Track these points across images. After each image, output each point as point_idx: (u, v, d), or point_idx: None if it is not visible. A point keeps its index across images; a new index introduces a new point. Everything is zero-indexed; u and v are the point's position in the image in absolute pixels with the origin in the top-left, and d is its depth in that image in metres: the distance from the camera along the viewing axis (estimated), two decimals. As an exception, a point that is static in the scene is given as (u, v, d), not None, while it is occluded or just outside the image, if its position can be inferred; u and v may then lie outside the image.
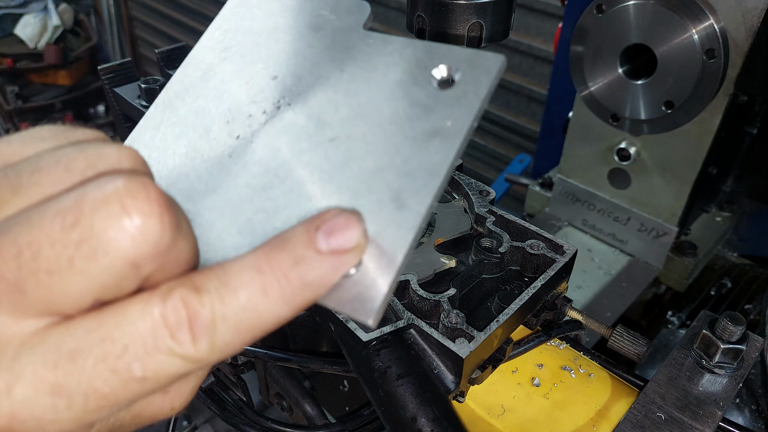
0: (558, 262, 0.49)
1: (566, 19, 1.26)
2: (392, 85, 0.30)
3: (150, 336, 0.22)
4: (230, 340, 0.23)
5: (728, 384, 0.47)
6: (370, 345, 0.43)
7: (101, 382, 0.21)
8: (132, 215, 0.21)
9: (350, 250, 0.24)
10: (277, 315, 0.24)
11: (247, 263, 0.24)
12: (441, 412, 0.41)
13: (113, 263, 0.21)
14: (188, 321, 0.22)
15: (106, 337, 0.21)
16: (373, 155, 0.28)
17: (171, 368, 0.22)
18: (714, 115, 0.85)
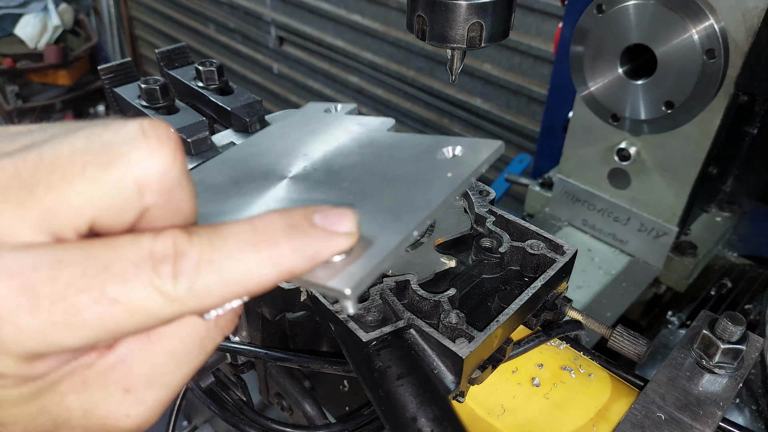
0: (558, 262, 0.49)
1: (566, 19, 1.26)
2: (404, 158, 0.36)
3: (132, 264, 0.22)
4: (210, 288, 0.23)
5: (728, 384, 0.47)
6: (370, 345, 0.43)
7: (73, 293, 0.21)
8: (150, 139, 0.22)
9: (341, 233, 0.26)
10: (262, 275, 0.24)
11: (244, 222, 0.24)
12: (441, 412, 0.41)
13: (122, 178, 0.22)
14: (174, 257, 0.22)
15: (90, 255, 0.21)
16: (378, 193, 0.33)
17: (144, 301, 0.22)
18: (714, 116, 0.85)
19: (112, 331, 0.22)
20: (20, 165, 0.21)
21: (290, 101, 3.31)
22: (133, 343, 0.25)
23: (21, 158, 0.22)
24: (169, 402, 0.27)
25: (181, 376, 0.27)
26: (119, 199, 0.22)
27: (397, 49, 2.63)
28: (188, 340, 0.26)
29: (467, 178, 0.33)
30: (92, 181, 0.22)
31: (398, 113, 2.80)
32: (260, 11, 3.17)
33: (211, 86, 0.72)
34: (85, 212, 0.22)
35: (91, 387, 0.25)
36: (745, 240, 1.13)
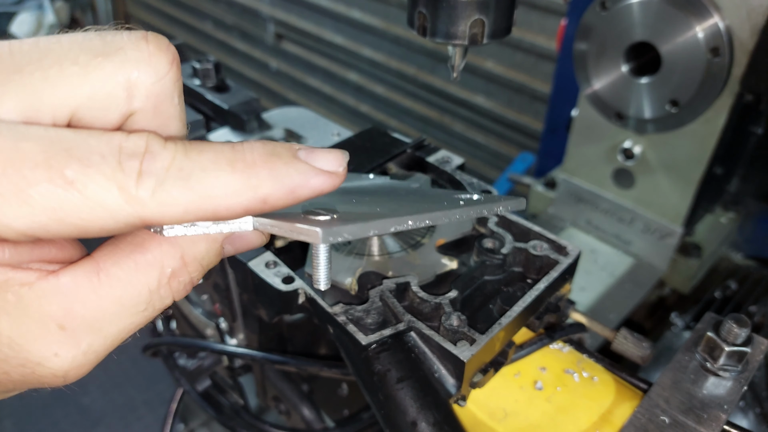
0: (561, 263, 0.49)
1: (570, 16, 1.25)
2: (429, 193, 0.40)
3: (97, 152, 0.20)
4: (176, 197, 0.21)
5: (733, 387, 0.47)
6: (370, 348, 0.42)
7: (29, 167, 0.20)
8: (150, 43, 0.22)
9: (326, 171, 0.24)
10: (234, 196, 0.22)
11: (224, 142, 0.23)
12: (442, 416, 0.40)
13: (114, 73, 0.21)
14: (143, 155, 0.21)
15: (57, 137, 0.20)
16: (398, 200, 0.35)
17: (102, 193, 0.20)
18: (719, 115, 0.84)
19: (60, 219, 0.20)
20: (15, 47, 0.21)
21: (288, 99, 3.30)
22: (80, 276, 0.24)
23: (17, 42, 0.21)
24: (101, 356, 0.25)
25: (122, 328, 0.25)
26: (106, 94, 0.22)
27: (398, 46, 2.62)
28: (138, 290, 0.24)
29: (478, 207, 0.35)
30: (83, 69, 0.21)
31: (398, 111, 2.79)
32: (258, 7, 3.16)
33: (207, 84, 0.71)
34: (69, 100, 0.21)
35: (24, 311, 0.23)
36: (750, 241, 1.12)
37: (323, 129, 0.72)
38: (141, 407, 1.91)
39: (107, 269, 0.24)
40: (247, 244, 0.28)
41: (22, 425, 1.88)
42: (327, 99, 3.10)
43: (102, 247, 0.25)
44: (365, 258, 0.51)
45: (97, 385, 1.96)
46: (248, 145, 0.23)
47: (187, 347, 0.61)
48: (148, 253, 0.24)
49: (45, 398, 1.95)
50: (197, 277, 0.26)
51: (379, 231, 0.27)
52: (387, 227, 0.27)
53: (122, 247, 0.25)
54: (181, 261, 0.25)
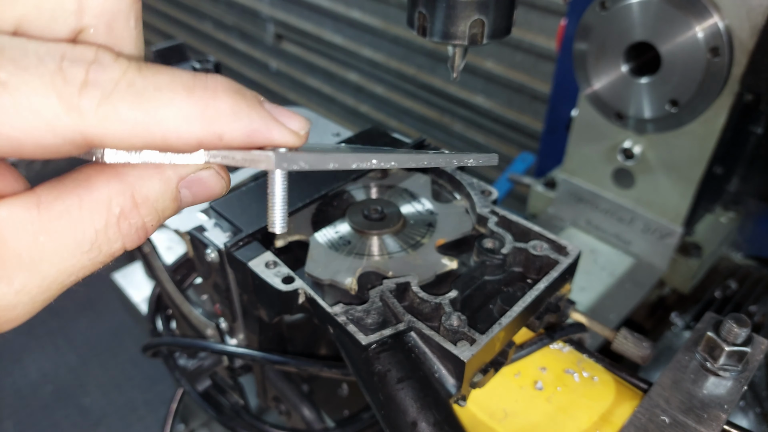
0: (561, 263, 0.49)
1: (570, 16, 1.25)
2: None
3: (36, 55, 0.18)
4: (123, 116, 0.19)
5: (733, 387, 0.47)
6: (370, 348, 0.42)
7: None
8: None
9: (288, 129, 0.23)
10: (187, 126, 0.20)
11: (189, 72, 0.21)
12: (442, 416, 0.40)
13: None
14: (89, 64, 0.19)
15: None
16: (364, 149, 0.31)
17: (39, 99, 0.18)
18: (719, 114, 0.84)
19: None
20: None
21: (288, 99, 3.30)
22: (18, 208, 0.21)
23: None
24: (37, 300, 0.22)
25: (62, 269, 0.22)
26: (54, 4, 0.19)
27: (397, 46, 2.62)
28: (82, 228, 0.22)
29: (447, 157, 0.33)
30: None
31: (398, 111, 2.79)
32: (258, 8, 3.16)
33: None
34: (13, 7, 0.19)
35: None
36: (750, 241, 1.12)
37: (323, 129, 0.72)
38: (141, 408, 1.92)
39: (48, 203, 0.22)
40: (206, 190, 0.25)
41: (23, 426, 1.88)
42: (327, 99, 3.10)
43: (45, 183, 0.23)
44: (365, 258, 0.51)
45: (97, 386, 1.96)
46: (212, 76, 0.21)
47: (187, 347, 0.61)
48: (95, 189, 0.22)
49: (46, 399, 1.95)
50: (151, 222, 0.24)
51: (340, 165, 0.26)
52: (348, 162, 0.26)
53: (66, 182, 0.22)
54: (131, 200, 0.23)
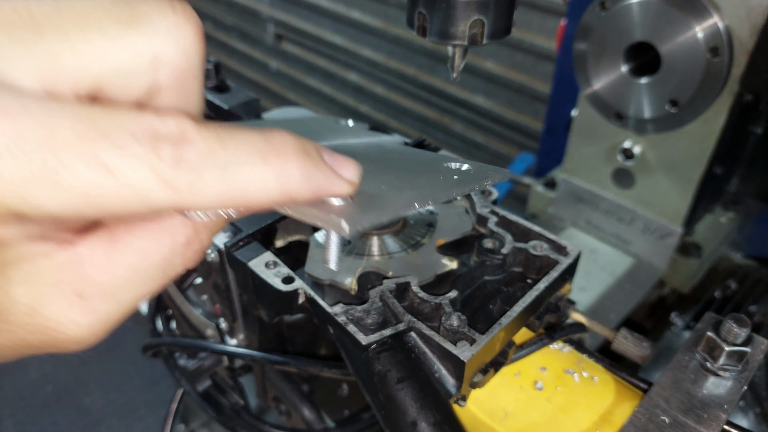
0: (561, 263, 0.49)
1: (569, 16, 1.25)
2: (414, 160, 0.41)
3: (131, 135, 0.20)
4: (213, 188, 0.21)
5: (733, 387, 0.47)
6: (370, 348, 0.42)
7: (64, 150, 0.19)
8: (177, 13, 0.22)
9: (345, 179, 0.26)
10: (265, 188, 0.22)
11: (256, 131, 0.23)
12: (442, 416, 0.40)
13: (140, 44, 0.21)
14: (177, 140, 0.20)
15: (88, 116, 0.19)
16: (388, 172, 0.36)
17: (138, 177, 0.20)
18: (719, 114, 0.84)
19: (94, 203, 0.20)
20: (35, 8, 0.20)
21: (288, 99, 3.30)
22: (96, 245, 0.23)
23: (37, 2, 0.20)
24: (117, 322, 0.25)
25: (136, 295, 0.25)
26: (131, 65, 0.21)
27: (397, 47, 2.62)
28: (152, 258, 0.25)
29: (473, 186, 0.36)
30: (108, 38, 0.20)
31: (398, 111, 2.79)
32: (258, 8, 3.16)
33: (207, 84, 0.71)
34: (91, 70, 0.20)
35: (43, 280, 0.23)
36: (749, 241, 1.12)
37: (323, 129, 0.72)
38: (141, 408, 1.91)
39: (122, 238, 0.24)
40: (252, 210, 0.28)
41: (23, 426, 1.88)
42: (327, 99, 3.10)
43: None
44: (365, 258, 0.51)
45: (97, 386, 1.96)
46: (279, 137, 0.23)
47: (187, 348, 0.61)
48: (162, 222, 0.25)
49: (46, 399, 1.95)
50: (208, 244, 0.27)
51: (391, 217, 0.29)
52: (397, 212, 0.29)
53: None
54: (193, 230, 0.25)
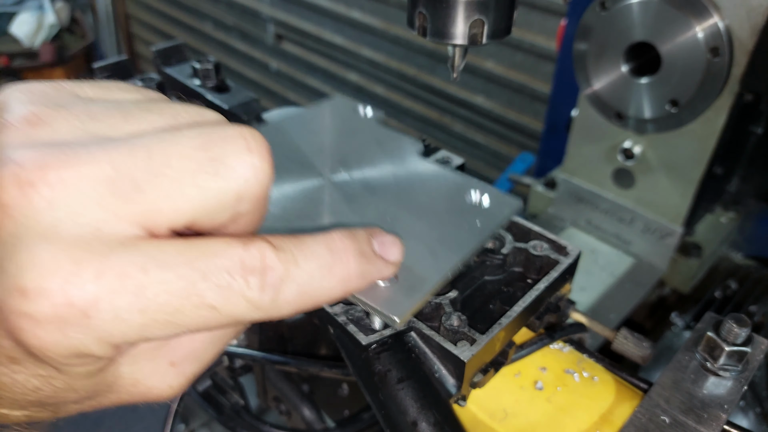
0: (561, 263, 0.49)
1: (570, 16, 1.25)
2: (435, 192, 0.41)
3: (226, 273, 0.24)
4: (291, 301, 0.26)
5: (733, 387, 0.46)
6: (370, 348, 0.42)
7: (178, 298, 0.23)
8: (254, 154, 0.25)
9: (392, 262, 0.30)
10: (332, 292, 0.27)
11: (321, 240, 0.27)
12: (442, 416, 0.40)
13: (227, 187, 0.24)
14: (262, 271, 0.25)
15: (191, 261, 0.23)
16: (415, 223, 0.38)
17: (236, 308, 0.24)
18: (719, 114, 0.84)
19: (201, 329, 0.25)
20: (129, 161, 0.23)
21: (288, 99, 3.30)
22: None
23: (130, 153, 0.23)
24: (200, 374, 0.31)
25: (214, 353, 0.31)
26: (219, 205, 0.25)
27: (398, 47, 2.62)
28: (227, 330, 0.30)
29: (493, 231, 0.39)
30: (198, 188, 0.24)
31: (398, 111, 2.79)
32: (258, 8, 3.16)
33: (207, 84, 0.71)
34: (186, 214, 0.24)
35: (144, 360, 0.28)
36: (750, 241, 1.12)
37: (323, 129, 0.72)
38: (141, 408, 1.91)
39: None
40: None
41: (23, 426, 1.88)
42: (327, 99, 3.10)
43: None
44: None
45: (97, 386, 1.96)
46: (341, 244, 0.28)
47: (188, 348, 0.61)
48: None
49: (45, 399, 1.94)
50: None
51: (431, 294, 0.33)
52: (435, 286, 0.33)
53: None
54: None
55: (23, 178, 0.21)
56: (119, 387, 0.28)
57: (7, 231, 0.22)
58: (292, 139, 0.45)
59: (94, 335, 0.22)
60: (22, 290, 0.21)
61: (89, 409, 0.29)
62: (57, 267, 0.21)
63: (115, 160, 0.23)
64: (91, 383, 0.26)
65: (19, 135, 0.23)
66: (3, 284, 0.21)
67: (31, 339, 0.22)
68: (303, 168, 0.42)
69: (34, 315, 0.21)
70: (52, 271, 0.21)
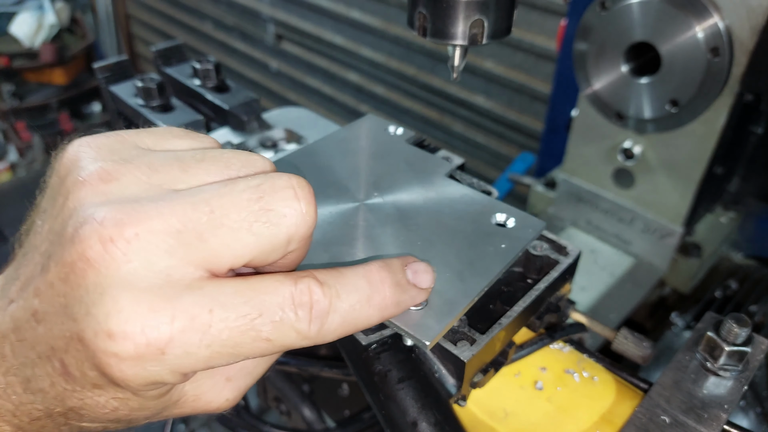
0: (562, 263, 0.49)
1: (570, 16, 1.25)
2: (463, 214, 0.43)
3: (279, 308, 0.27)
4: (334, 330, 0.29)
5: (733, 387, 0.46)
6: (370, 348, 0.42)
7: (238, 334, 0.26)
8: (301, 202, 0.28)
9: (424, 289, 0.33)
10: (370, 319, 0.30)
11: (360, 273, 0.30)
12: (442, 416, 0.40)
13: (279, 232, 0.28)
14: (310, 305, 0.28)
15: (249, 300, 0.27)
16: (444, 246, 0.40)
17: (287, 339, 0.28)
18: (719, 114, 0.84)
19: (257, 356, 0.28)
20: (193, 215, 0.27)
21: (288, 99, 3.30)
22: None
23: (193, 207, 0.27)
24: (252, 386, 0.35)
25: (264, 368, 0.35)
26: (272, 248, 0.28)
27: (397, 47, 2.62)
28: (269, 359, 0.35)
29: (519, 253, 0.41)
30: (254, 236, 0.27)
31: (398, 111, 2.79)
32: (258, 8, 3.16)
33: (207, 84, 0.71)
34: (243, 258, 0.28)
35: (204, 378, 0.31)
36: (750, 241, 1.12)
37: (323, 129, 0.72)
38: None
39: None
40: None
41: (23, 426, 1.88)
42: (327, 99, 3.10)
43: None
44: (365, 258, 0.51)
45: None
46: (378, 275, 0.31)
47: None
48: None
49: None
50: None
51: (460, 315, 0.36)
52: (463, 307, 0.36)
53: None
54: None
55: (104, 235, 0.25)
56: (183, 403, 0.31)
57: (91, 281, 0.25)
58: (328, 161, 0.48)
59: (167, 368, 0.26)
60: (109, 333, 0.25)
61: (156, 419, 0.32)
62: (137, 313, 0.25)
63: (180, 215, 0.26)
64: (161, 402, 0.30)
65: (95, 192, 0.27)
66: (91, 327, 0.25)
67: (116, 373, 0.25)
68: (339, 192, 0.44)
69: (119, 354, 0.25)
70: (133, 316, 0.25)
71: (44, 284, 0.26)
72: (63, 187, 0.28)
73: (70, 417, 0.29)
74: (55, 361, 0.27)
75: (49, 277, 0.26)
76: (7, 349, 0.27)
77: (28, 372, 0.27)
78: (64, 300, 0.26)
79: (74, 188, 0.27)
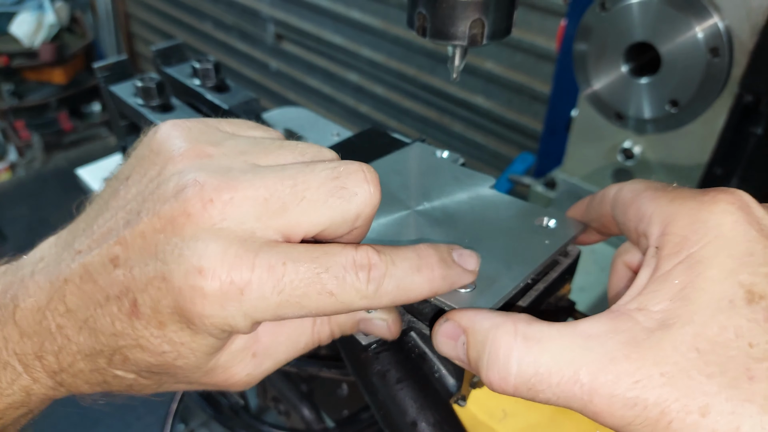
0: (561, 263, 0.49)
1: (570, 17, 1.25)
2: (506, 216, 0.47)
3: (342, 267, 0.30)
4: (389, 292, 0.32)
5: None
6: (369, 348, 0.42)
7: (306, 284, 0.30)
8: (370, 184, 0.32)
9: (469, 270, 0.36)
10: (421, 288, 0.33)
11: (411, 248, 0.34)
12: (441, 416, 0.40)
13: (349, 208, 0.31)
14: (368, 267, 0.31)
15: (317, 258, 0.30)
16: (490, 241, 0.43)
17: (348, 296, 0.30)
18: (719, 115, 0.84)
19: (319, 312, 0.31)
20: (279, 187, 0.30)
21: (288, 99, 3.30)
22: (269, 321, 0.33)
23: (280, 180, 0.31)
24: (271, 372, 0.37)
25: (288, 355, 0.37)
26: (343, 221, 0.32)
27: (397, 47, 2.62)
28: (300, 330, 0.37)
29: (561, 247, 0.44)
30: (330, 209, 0.31)
31: (398, 111, 2.79)
32: (258, 8, 3.16)
33: (207, 84, 0.71)
34: (318, 227, 0.31)
35: (237, 348, 0.34)
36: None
37: (323, 129, 0.72)
38: (140, 407, 1.91)
39: None
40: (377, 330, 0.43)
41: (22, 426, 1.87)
42: (327, 99, 3.10)
43: None
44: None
45: (96, 386, 1.95)
46: (425, 252, 0.34)
47: (187, 347, 0.61)
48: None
49: (44, 398, 1.94)
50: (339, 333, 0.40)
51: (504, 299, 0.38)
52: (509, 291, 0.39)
53: None
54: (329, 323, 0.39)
55: (205, 196, 0.29)
56: (214, 373, 0.34)
57: (188, 232, 0.29)
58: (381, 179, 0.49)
59: (242, 311, 0.29)
60: (200, 269, 0.28)
61: (180, 389, 0.36)
62: (225, 256, 0.28)
63: (268, 186, 0.30)
64: (206, 359, 0.32)
65: (193, 163, 0.31)
66: (182, 266, 0.28)
67: (197, 307, 0.28)
68: (392, 202, 0.49)
69: (204, 288, 0.28)
70: (222, 259, 0.28)
71: (132, 234, 0.30)
72: (159, 158, 0.32)
73: (113, 360, 0.31)
74: (125, 300, 0.30)
75: (139, 227, 0.29)
76: (68, 292, 0.31)
77: (87, 313, 0.30)
78: (155, 247, 0.29)
79: (171, 160, 0.31)
